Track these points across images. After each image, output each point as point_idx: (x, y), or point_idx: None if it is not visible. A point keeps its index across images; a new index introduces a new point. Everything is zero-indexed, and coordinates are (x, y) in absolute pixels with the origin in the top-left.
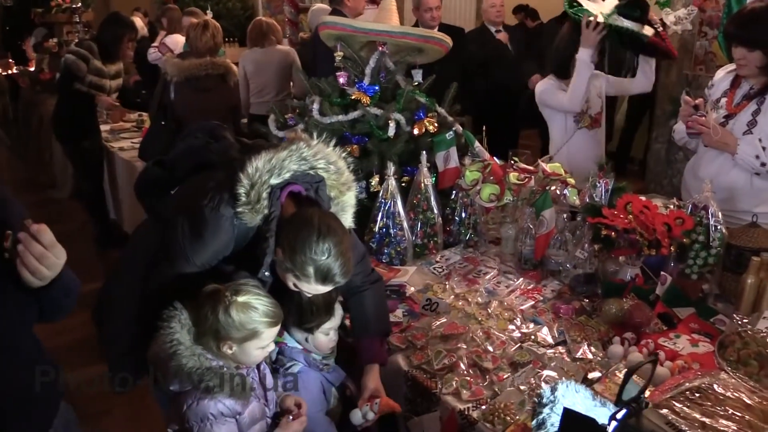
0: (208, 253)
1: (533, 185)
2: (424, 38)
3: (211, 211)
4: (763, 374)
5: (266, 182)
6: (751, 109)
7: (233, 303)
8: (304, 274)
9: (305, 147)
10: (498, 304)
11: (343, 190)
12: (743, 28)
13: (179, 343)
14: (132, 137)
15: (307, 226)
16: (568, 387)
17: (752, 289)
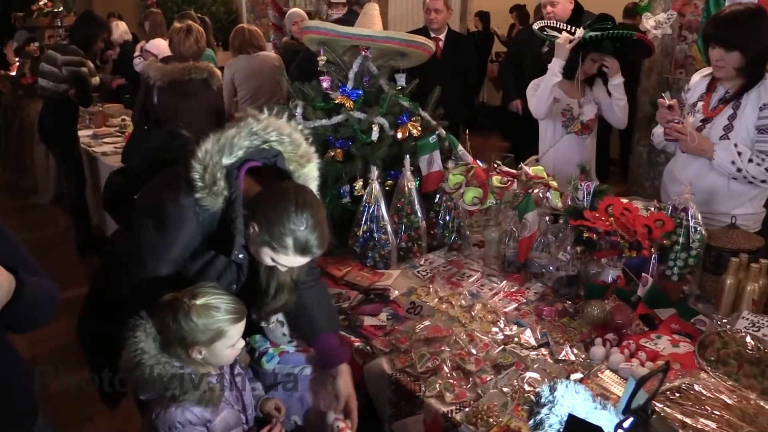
0: (177, 246)
1: (516, 188)
2: (407, 42)
3: (171, 204)
4: (742, 373)
5: (218, 163)
6: (727, 113)
7: (192, 307)
8: (283, 246)
9: (254, 122)
10: (481, 307)
11: (303, 163)
12: (722, 28)
13: (143, 352)
14: (115, 142)
15: (283, 197)
16: (567, 387)
17: (731, 290)
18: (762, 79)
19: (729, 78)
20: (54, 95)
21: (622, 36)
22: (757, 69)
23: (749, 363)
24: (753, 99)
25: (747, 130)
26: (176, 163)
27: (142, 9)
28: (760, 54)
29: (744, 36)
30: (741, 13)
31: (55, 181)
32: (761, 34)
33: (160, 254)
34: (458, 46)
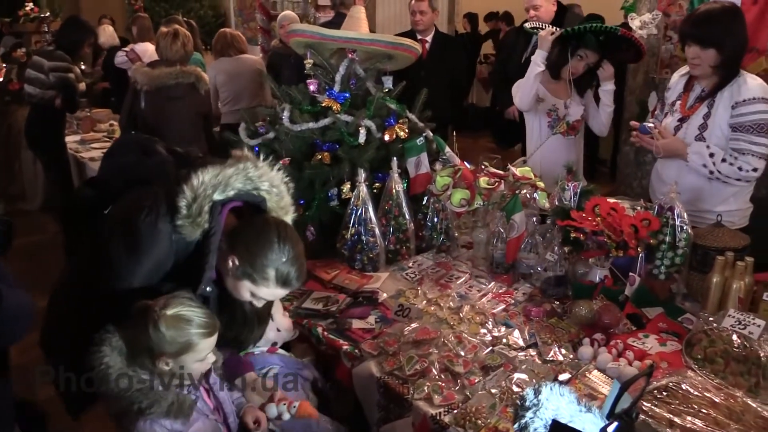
0: (145, 271)
1: (503, 189)
2: (393, 45)
3: (147, 227)
4: (728, 371)
5: (209, 197)
6: (702, 113)
7: (162, 317)
8: (264, 278)
9: (252, 167)
10: (470, 309)
11: (281, 214)
12: (697, 26)
13: (108, 366)
14: (103, 147)
15: (266, 230)
16: (552, 390)
17: (718, 288)
18: (736, 78)
19: (705, 76)
20: (41, 101)
21: (605, 30)
22: (732, 67)
23: (736, 361)
24: (726, 98)
25: (721, 128)
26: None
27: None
28: (736, 51)
29: (720, 33)
30: (717, 10)
31: (43, 187)
32: (737, 32)
33: (126, 276)
34: (445, 47)
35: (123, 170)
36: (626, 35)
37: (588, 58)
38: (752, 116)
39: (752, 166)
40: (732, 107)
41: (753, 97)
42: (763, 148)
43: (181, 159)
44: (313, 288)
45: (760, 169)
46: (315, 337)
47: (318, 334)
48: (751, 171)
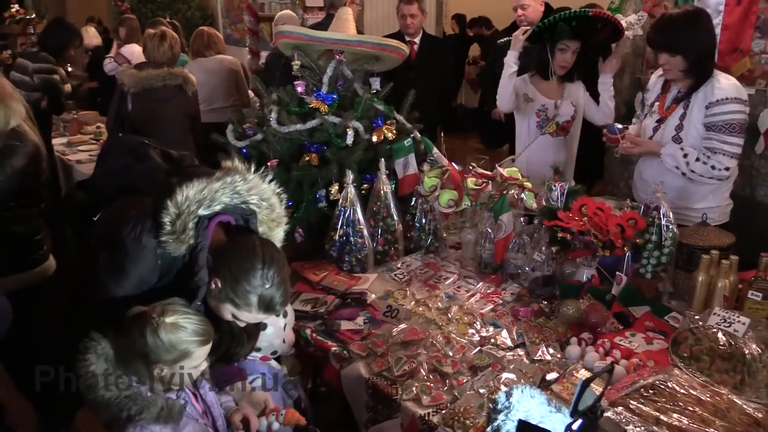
0: (130, 284)
1: (491, 190)
2: (380, 46)
3: (132, 242)
4: (714, 369)
5: (194, 213)
6: (678, 113)
7: (162, 324)
8: (247, 304)
9: (241, 181)
10: (458, 309)
11: (273, 227)
12: (662, 34)
13: (94, 375)
14: (90, 149)
15: (250, 254)
16: (523, 392)
17: (703, 287)
18: (710, 78)
19: (679, 79)
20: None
21: (575, 15)
22: (704, 68)
23: (721, 358)
24: (700, 98)
25: (696, 128)
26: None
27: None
28: (703, 54)
29: (683, 39)
30: (678, 16)
31: None
32: (699, 36)
33: (111, 288)
34: (433, 49)
35: (114, 175)
36: (598, 14)
37: (570, 47)
38: (724, 116)
39: (724, 165)
40: (706, 107)
41: (725, 98)
42: (735, 148)
43: (174, 166)
44: (301, 289)
45: (732, 168)
46: (303, 338)
47: (306, 336)
48: (723, 170)
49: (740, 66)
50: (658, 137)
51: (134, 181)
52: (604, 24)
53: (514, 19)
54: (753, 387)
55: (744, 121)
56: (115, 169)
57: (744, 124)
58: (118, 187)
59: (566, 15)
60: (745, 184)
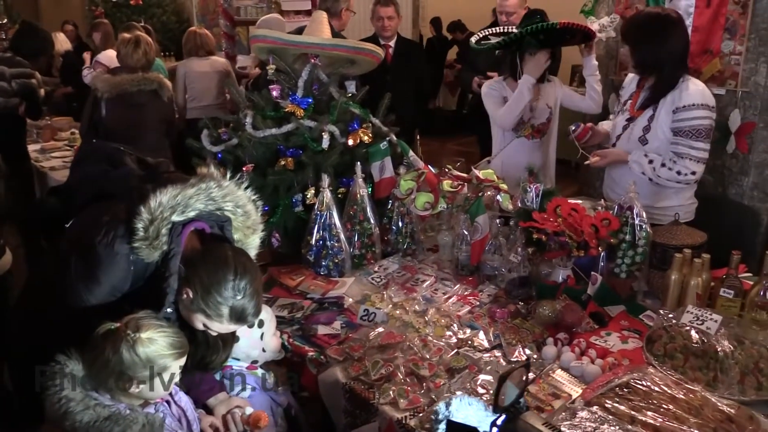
0: (103, 292)
1: (467, 192)
2: (355, 50)
3: (104, 248)
4: (688, 366)
5: (167, 219)
6: (648, 115)
7: (138, 340)
8: (218, 314)
9: (215, 187)
10: (435, 311)
11: (248, 234)
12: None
13: (69, 399)
14: (64, 156)
15: (222, 266)
16: (461, 401)
17: (676, 285)
18: (679, 83)
19: None
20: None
21: (542, 29)
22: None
23: (694, 356)
24: (668, 102)
25: (663, 131)
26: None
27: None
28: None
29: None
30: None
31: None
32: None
33: (84, 296)
34: (409, 52)
35: (89, 181)
36: (567, 25)
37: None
38: (691, 122)
39: (690, 170)
40: (673, 112)
41: (692, 104)
42: (702, 153)
43: (150, 172)
44: (278, 295)
45: (698, 173)
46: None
47: (284, 341)
48: (689, 175)
49: (711, 67)
50: (626, 136)
51: (109, 188)
52: (572, 33)
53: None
54: (725, 383)
55: (710, 127)
56: (90, 175)
57: (710, 130)
58: (92, 194)
59: (533, 29)
60: (717, 183)
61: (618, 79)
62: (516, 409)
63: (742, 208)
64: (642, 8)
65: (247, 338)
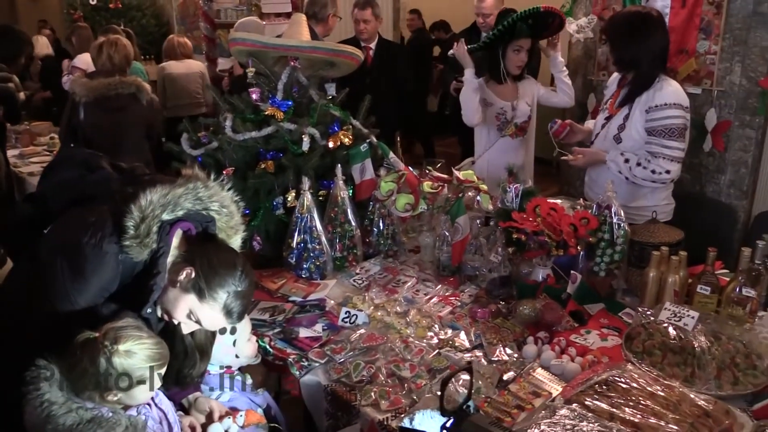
0: (92, 292)
1: (447, 193)
2: (334, 52)
3: (92, 249)
4: (666, 363)
5: (158, 216)
6: (624, 113)
7: (115, 352)
8: (213, 297)
9: (202, 187)
10: (416, 312)
11: (231, 234)
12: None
13: (51, 403)
14: (43, 161)
15: (233, 256)
16: (424, 415)
17: (654, 282)
18: (654, 83)
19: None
20: None
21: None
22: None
23: (672, 352)
24: (642, 102)
25: (637, 130)
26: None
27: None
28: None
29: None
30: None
31: None
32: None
33: (73, 298)
34: (389, 54)
35: (64, 186)
36: (549, 9)
37: (524, 46)
38: (664, 121)
39: (665, 169)
40: (646, 111)
41: (665, 103)
42: (676, 152)
43: (126, 176)
44: (260, 298)
45: (673, 172)
46: (262, 348)
47: (265, 345)
48: (664, 173)
49: (686, 67)
50: (603, 134)
51: (88, 191)
52: (553, 18)
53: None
54: (703, 379)
55: (683, 126)
56: (67, 180)
57: (684, 129)
58: (69, 199)
59: (522, 14)
60: (695, 182)
61: (597, 79)
62: (464, 412)
63: (719, 206)
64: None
65: (219, 344)
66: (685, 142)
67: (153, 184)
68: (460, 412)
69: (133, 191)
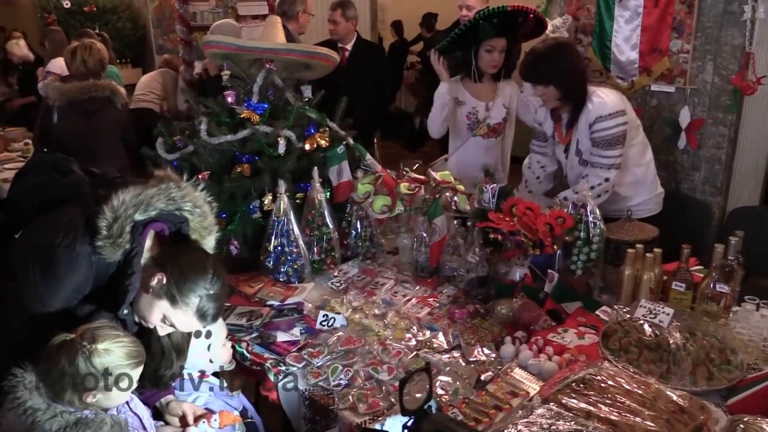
0: (65, 295)
1: (424, 194)
2: (309, 54)
3: (65, 251)
4: (642, 359)
5: (130, 217)
6: (575, 137)
7: (94, 351)
8: (186, 303)
9: (175, 188)
10: (395, 314)
11: (204, 234)
12: (532, 68)
13: (35, 410)
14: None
15: (204, 259)
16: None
17: (630, 280)
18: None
19: (559, 106)
20: None
21: (495, 12)
22: (578, 94)
23: (648, 349)
24: (583, 121)
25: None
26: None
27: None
28: (573, 82)
29: (551, 71)
30: (545, 49)
31: None
32: (565, 65)
33: (45, 300)
34: (367, 54)
35: (35, 191)
36: (517, 8)
37: (496, 47)
38: (602, 133)
39: (603, 177)
40: (589, 127)
41: (599, 116)
42: (611, 159)
43: (98, 179)
44: (237, 303)
45: (611, 179)
46: (240, 353)
47: (243, 351)
48: (603, 182)
49: (660, 65)
50: (569, 164)
51: (60, 194)
52: (524, 17)
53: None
54: (678, 375)
55: (622, 133)
56: (38, 184)
57: (622, 136)
58: (41, 203)
59: (486, 13)
60: (670, 179)
61: None
62: (424, 411)
63: (694, 203)
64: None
65: (193, 348)
66: (624, 145)
67: (125, 186)
68: (420, 411)
69: (106, 193)
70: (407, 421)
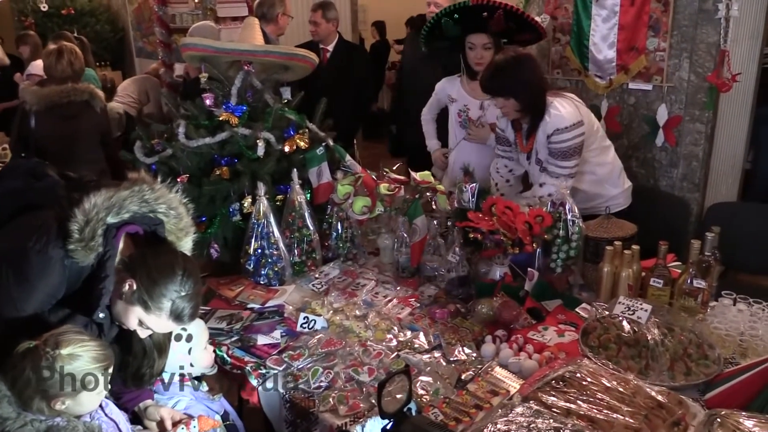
0: (38, 299)
1: (404, 194)
2: (288, 55)
3: (37, 254)
4: (621, 356)
5: (102, 220)
6: (535, 147)
7: (57, 357)
8: (158, 307)
9: (148, 190)
10: (375, 315)
11: (181, 236)
12: (492, 81)
13: (4, 419)
14: None
15: (173, 261)
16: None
17: (609, 277)
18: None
19: (519, 117)
20: None
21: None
22: (536, 106)
23: (627, 345)
24: (540, 133)
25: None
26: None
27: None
28: (532, 93)
29: (511, 84)
30: (504, 62)
31: None
32: (525, 78)
33: (18, 305)
34: (348, 55)
35: (10, 196)
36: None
37: (476, 44)
38: (558, 145)
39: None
40: (547, 138)
41: (556, 129)
42: (566, 170)
43: (74, 183)
44: (217, 306)
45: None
46: (220, 357)
47: (223, 354)
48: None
49: (637, 63)
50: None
51: (34, 199)
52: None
53: None
54: (657, 371)
55: (578, 145)
56: (13, 189)
57: (578, 147)
58: (15, 207)
59: (446, 10)
60: (649, 176)
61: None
62: (403, 414)
63: (672, 199)
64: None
65: (173, 351)
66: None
67: (98, 188)
68: (399, 414)
69: (79, 197)
70: (386, 424)
